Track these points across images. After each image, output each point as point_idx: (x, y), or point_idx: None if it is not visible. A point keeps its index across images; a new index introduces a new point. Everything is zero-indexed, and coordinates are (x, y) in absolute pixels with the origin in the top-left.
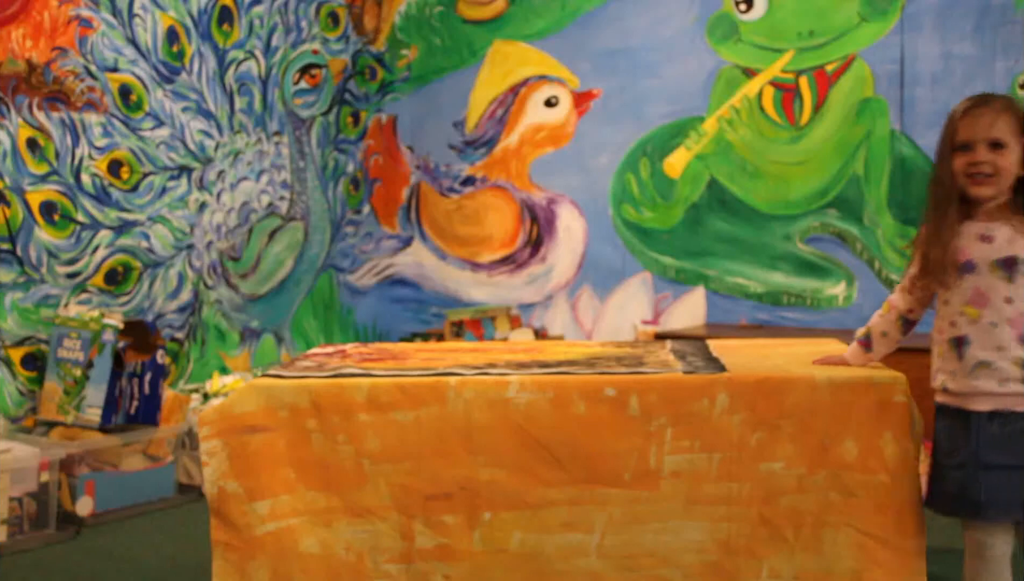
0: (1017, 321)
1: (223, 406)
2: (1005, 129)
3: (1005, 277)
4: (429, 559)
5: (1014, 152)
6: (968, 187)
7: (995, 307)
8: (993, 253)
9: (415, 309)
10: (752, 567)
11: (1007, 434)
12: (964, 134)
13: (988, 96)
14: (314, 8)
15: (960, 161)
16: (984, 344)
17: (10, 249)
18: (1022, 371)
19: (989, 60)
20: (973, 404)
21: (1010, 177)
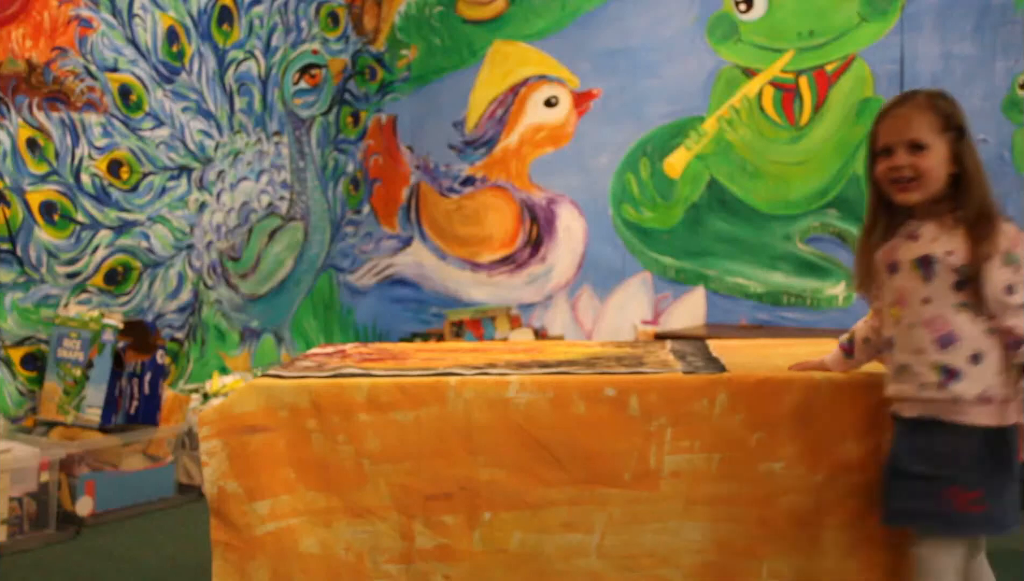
0: (935, 323)
1: (223, 406)
2: (924, 128)
3: (921, 277)
4: (429, 559)
5: (938, 151)
6: (893, 194)
7: (913, 308)
8: (915, 252)
9: (415, 309)
10: (752, 567)
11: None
12: (883, 138)
13: (909, 94)
14: (314, 8)
15: (882, 166)
16: (905, 347)
17: (10, 249)
18: (939, 376)
19: (989, 60)
20: (902, 409)
21: (937, 178)
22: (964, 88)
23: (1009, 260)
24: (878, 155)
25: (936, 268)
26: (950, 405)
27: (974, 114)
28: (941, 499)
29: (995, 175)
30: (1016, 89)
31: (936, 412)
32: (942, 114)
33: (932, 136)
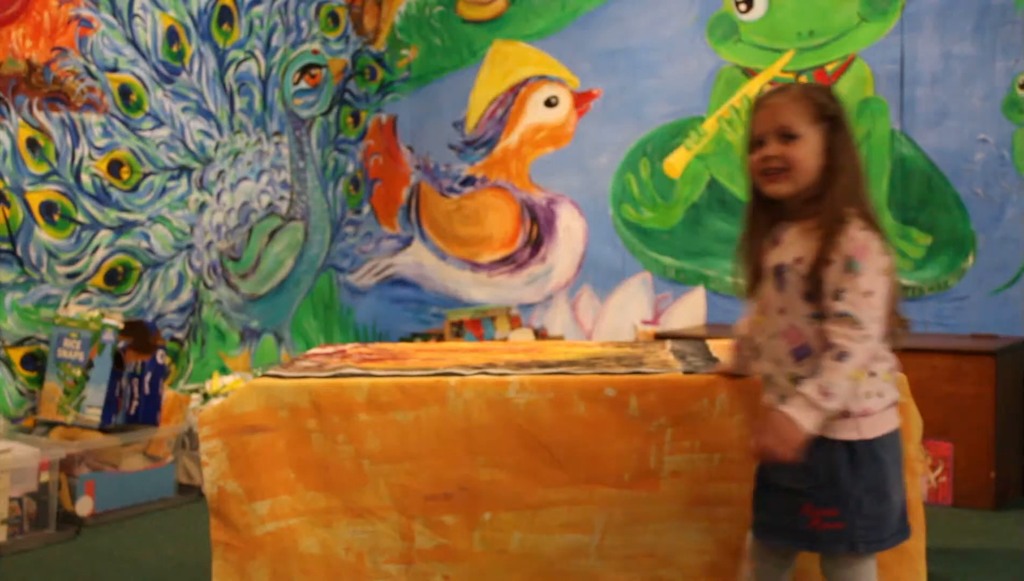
0: (790, 334)
1: (223, 406)
2: (796, 118)
3: (776, 286)
4: (429, 559)
5: (810, 142)
6: (762, 185)
7: (772, 318)
8: (774, 258)
9: (415, 309)
10: None
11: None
12: (756, 128)
13: (785, 85)
14: (314, 8)
15: (754, 157)
16: (768, 356)
17: (10, 249)
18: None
19: (989, 60)
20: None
21: (808, 170)
22: (964, 88)
23: (848, 266)
24: (752, 147)
25: (787, 277)
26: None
27: (974, 114)
28: (799, 515)
29: (995, 175)
30: (1016, 89)
31: None
32: (815, 104)
33: (804, 126)
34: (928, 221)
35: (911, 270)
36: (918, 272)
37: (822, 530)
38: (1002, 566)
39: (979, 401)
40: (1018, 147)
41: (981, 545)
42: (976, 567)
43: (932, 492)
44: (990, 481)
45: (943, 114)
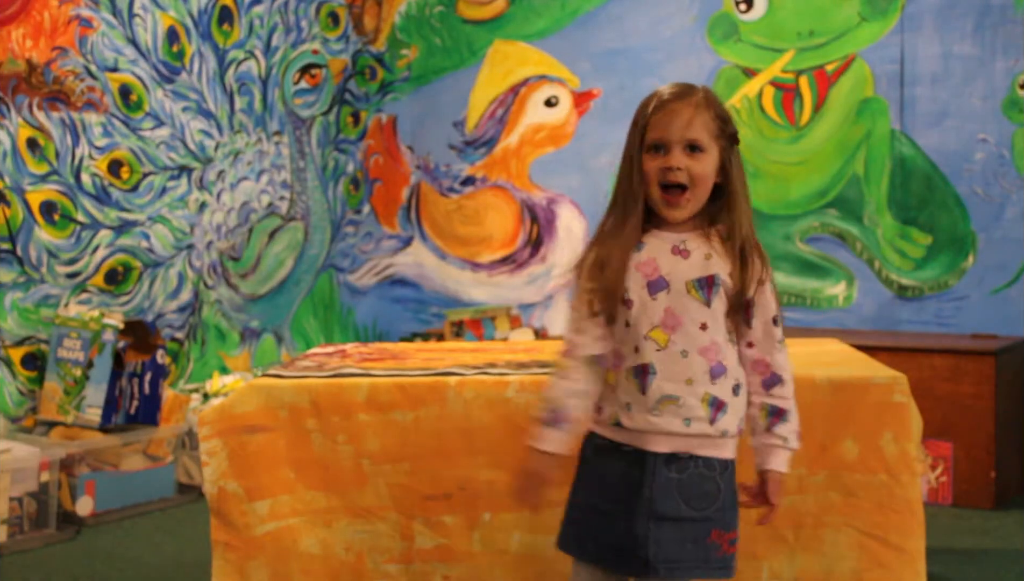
0: (711, 351)
1: (223, 406)
2: (703, 129)
3: (703, 300)
4: (429, 559)
5: (712, 157)
6: (661, 206)
7: (688, 333)
8: (690, 271)
9: (415, 309)
10: (752, 568)
11: (683, 481)
12: (657, 133)
13: (688, 88)
14: (314, 8)
15: (652, 164)
16: (672, 375)
17: (10, 249)
18: (709, 410)
19: (989, 60)
20: (651, 444)
21: (707, 186)
22: (964, 88)
23: (776, 290)
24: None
25: (717, 291)
26: (714, 440)
27: (974, 114)
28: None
29: (995, 175)
30: (1016, 89)
31: (691, 447)
32: (720, 119)
33: (709, 139)
34: (928, 221)
35: (911, 270)
36: (918, 272)
37: (731, 554)
38: (1002, 566)
39: (979, 401)
40: (1018, 147)
41: (981, 545)
42: (976, 567)
43: (932, 492)
44: (990, 481)
45: (943, 114)
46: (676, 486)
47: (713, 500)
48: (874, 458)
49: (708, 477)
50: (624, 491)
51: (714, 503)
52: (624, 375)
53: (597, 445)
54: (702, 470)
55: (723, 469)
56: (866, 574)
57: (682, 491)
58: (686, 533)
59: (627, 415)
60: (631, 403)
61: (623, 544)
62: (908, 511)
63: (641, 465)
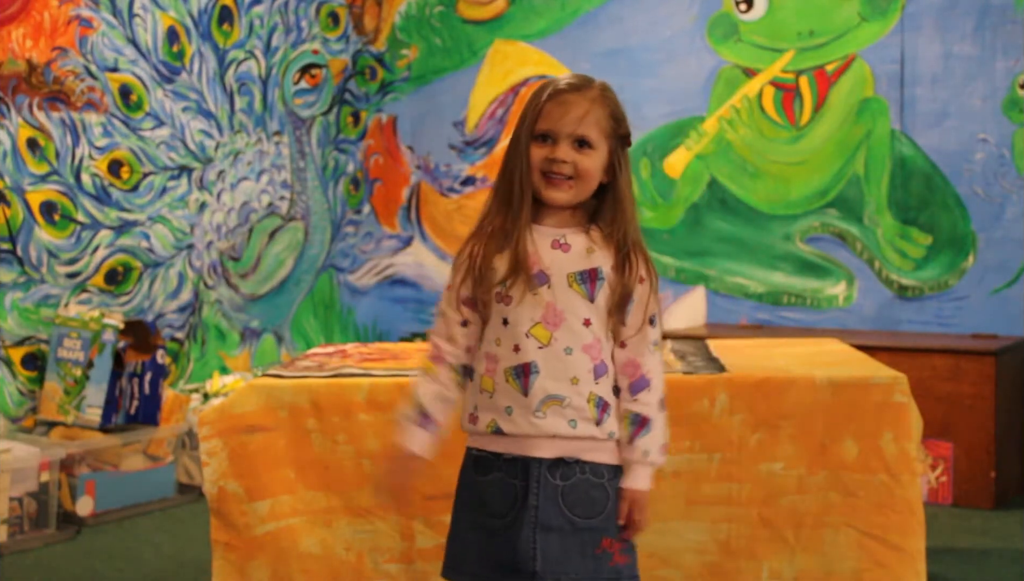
0: (594, 348)
1: (223, 406)
2: (595, 126)
3: (585, 294)
4: (429, 559)
5: (600, 154)
6: (541, 187)
7: (571, 329)
8: (571, 264)
9: (415, 309)
10: (752, 568)
11: (567, 488)
12: (549, 123)
13: (586, 81)
14: (314, 8)
15: (538, 153)
16: (556, 374)
17: (10, 249)
18: (595, 411)
19: (989, 60)
20: (534, 450)
21: (592, 182)
22: (964, 88)
23: (656, 289)
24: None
25: (600, 286)
26: (601, 443)
27: (974, 114)
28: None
29: (995, 175)
30: (1016, 89)
31: (577, 451)
32: (614, 117)
33: (599, 136)
34: (928, 221)
35: (911, 270)
36: (918, 272)
37: (624, 564)
38: (1002, 566)
39: (979, 401)
40: (1018, 147)
41: (981, 545)
42: (976, 567)
43: (932, 492)
44: (990, 481)
45: (943, 114)
46: (561, 494)
47: (601, 507)
48: (874, 458)
49: (595, 484)
50: (507, 503)
51: (602, 511)
52: (503, 377)
53: (476, 458)
54: (588, 476)
55: (611, 475)
56: (866, 574)
57: (567, 499)
58: (573, 544)
59: (507, 420)
60: (511, 406)
61: (508, 559)
62: (908, 511)
63: (525, 473)
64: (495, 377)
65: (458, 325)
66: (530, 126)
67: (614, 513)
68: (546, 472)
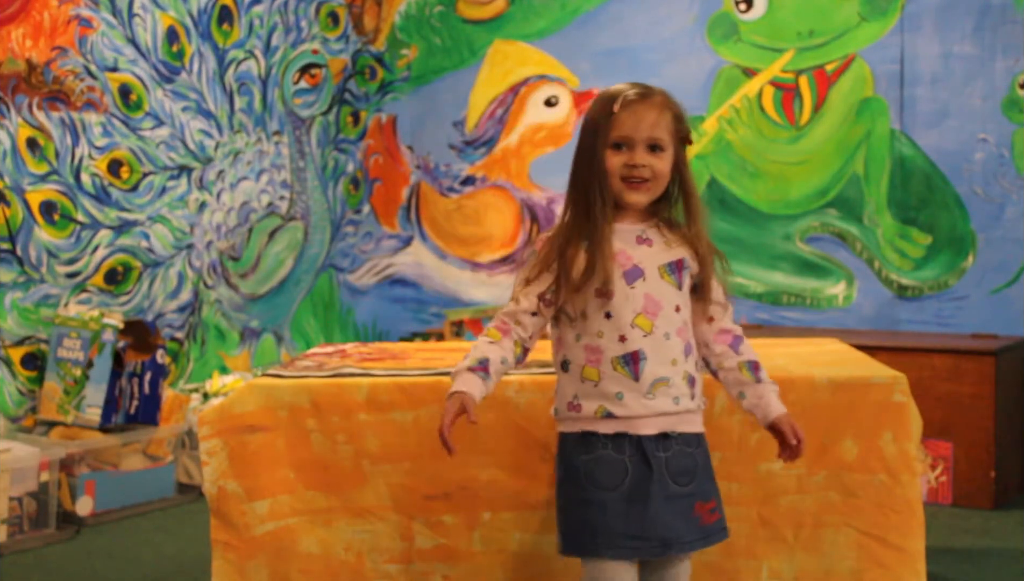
0: (684, 331)
1: (223, 406)
2: (665, 130)
3: (675, 283)
4: (428, 559)
5: (670, 156)
6: (623, 192)
7: (667, 317)
8: (659, 257)
9: (415, 309)
10: (752, 568)
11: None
12: (625, 130)
13: (650, 89)
14: (314, 8)
15: (616, 160)
16: (661, 358)
17: (10, 249)
18: (688, 387)
19: (989, 60)
20: (643, 428)
21: (665, 182)
22: (964, 88)
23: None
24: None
25: (685, 274)
26: (692, 414)
27: (974, 114)
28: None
29: (995, 175)
30: (1016, 89)
31: (673, 425)
32: (678, 119)
33: (670, 139)
34: (928, 221)
35: (911, 270)
36: (918, 272)
37: (711, 523)
38: (1002, 566)
39: (979, 401)
40: (1018, 147)
41: (981, 545)
42: (976, 567)
43: (932, 492)
44: (990, 481)
45: (943, 114)
46: (666, 464)
47: (693, 474)
48: (874, 458)
49: (688, 453)
50: (628, 479)
51: (694, 478)
52: (610, 366)
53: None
54: (683, 446)
55: (698, 443)
56: (866, 574)
57: (670, 469)
58: (678, 510)
59: (618, 405)
60: (622, 391)
61: (635, 530)
62: (908, 511)
63: (639, 449)
64: (600, 367)
65: (528, 314)
66: (605, 135)
67: (703, 478)
68: (653, 446)
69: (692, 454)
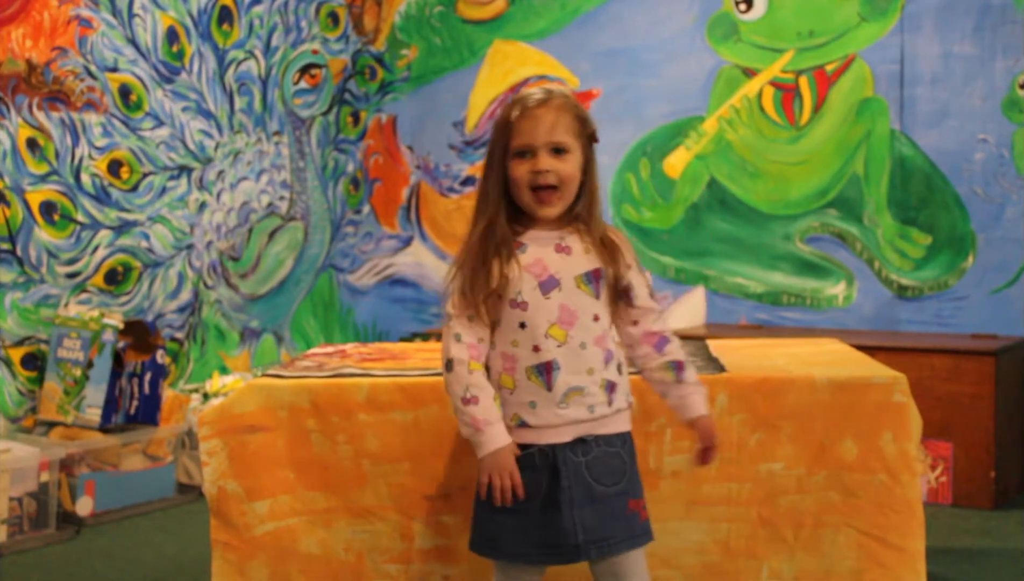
0: (603, 339)
1: (223, 406)
2: (567, 132)
3: (592, 293)
4: (428, 560)
5: (576, 158)
6: (533, 206)
7: (583, 326)
8: (576, 267)
9: (415, 309)
10: (752, 568)
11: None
12: (524, 137)
13: (550, 93)
14: (314, 8)
15: (521, 169)
16: (575, 368)
17: (10, 249)
18: (607, 394)
19: (989, 60)
20: (557, 437)
21: (574, 185)
22: (964, 88)
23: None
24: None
25: (602, 284)
26: (611, 418)
27: (974, 114)
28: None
29: (995, 175)
30: (1016, 89)
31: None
32: (580, 119)
33: (572, 140)
34: (928, 221)
35: (911, 270)
36: (918, 272)
37: (645, 520)
38: (1002, 566)
39: (979, 401)
40: (1018, 147)
41: (981, 545)
42: (976, 567)
43: (932, 492)
44: (990, 481)
45: (943, 114)
46: (585, 468)
47: (622, 473)
48: (874, 458)
49: (611, 453)
50: (538, 487)
51: (623, 476)
52: (524, 375)
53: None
54: (604, 448)
55: (622, 442)
56: (866, 574)
57: (591, 472)
58: (605, 510)
59: (532, 413)
60: (535, 401)
61: (548, 538)
62: (908, 511)
63: (551, 458)
64: (515, 375)
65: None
66: (506, 145)
67: (634, 475)
68: (568, 453)
69: (617, 453)
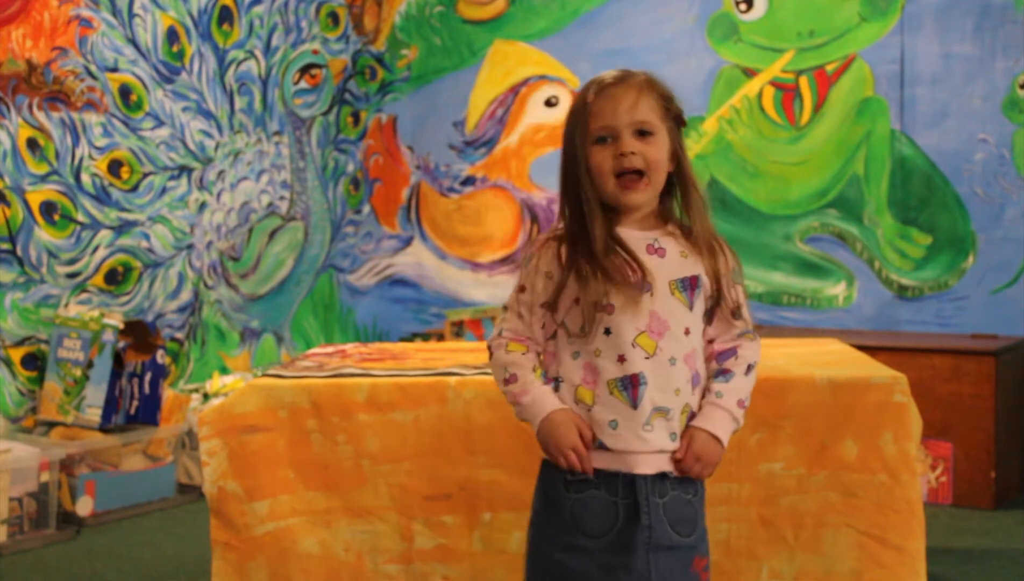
0: (692, 357)
1: (223, 406)
2: (651, 111)
3: (686, 302)
4: (428, 560)
5: (663, 141)
6: (618, 194)
7: (674, 338)
8: (671, 271)
9: (415, 309)
10: (752, 568)
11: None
12: (604, 119)
13: (628, 72)
14: (314, 8)
15: (602, 155)
16: (662, 385)
17: (10, 249)
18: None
19: (989, 60)
20: (639, 466)
21: (662, 173)
22: (964, 88)
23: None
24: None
25: (699, 293)
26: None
27: (974, 114)
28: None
29: (995, 175)
30: (1016, 89)
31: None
32: (666, 98)
33: (658, 121)
34: (928, 221)
35: (911, 270)
36: (918, 272)
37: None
38: (1002, 566)
39: (979, 401)
40: (1018, 147)
41: (981, 545)
42: (976, 567)
43: (932, 492)
44: (990, 481)
45: (943, 114)
46: (664, 511)
47: (693, 525)
48: (874, 458)
49: (686, 500)
50: (608, 523)
51: (695, 529)
52: (606, 389)
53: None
54: (680, 492)
55: (695, 492)
56: (866, 574)
57: (669, 516)
58: (676, 561)
59: (612, 435)
60: (617, 420)
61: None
62: (908, 511)
63: (632, 490)
64: (596, 389)
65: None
66: (584, 130)
67: (701, 530)
68: (650, 489)
69: (691, 502)
